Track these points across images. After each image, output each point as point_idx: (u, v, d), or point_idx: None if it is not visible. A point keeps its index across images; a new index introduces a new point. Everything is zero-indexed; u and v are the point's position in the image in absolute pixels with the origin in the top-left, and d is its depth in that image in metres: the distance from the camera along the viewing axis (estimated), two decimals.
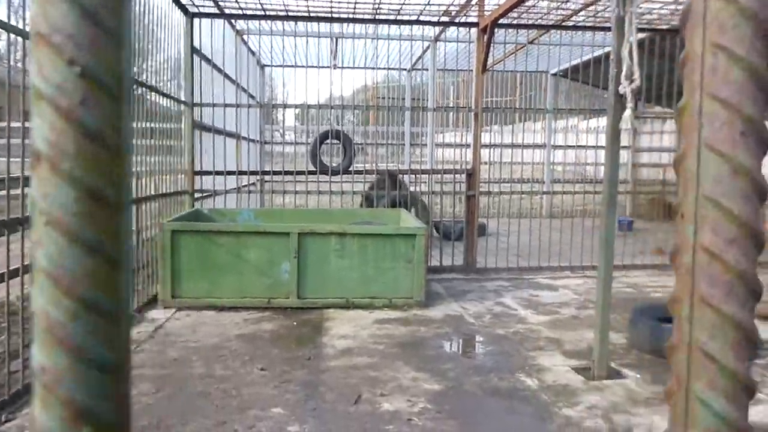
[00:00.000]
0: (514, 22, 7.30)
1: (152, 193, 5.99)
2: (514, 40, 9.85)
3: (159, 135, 6.35)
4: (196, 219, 6.37)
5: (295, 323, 5.13)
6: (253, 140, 11.34)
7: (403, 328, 5.04)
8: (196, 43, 6.93)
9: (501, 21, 6.49)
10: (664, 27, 8.30)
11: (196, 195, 7.06)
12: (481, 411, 3.44)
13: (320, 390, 3.70)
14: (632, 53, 3.78)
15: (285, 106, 10.19)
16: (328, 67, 12.35)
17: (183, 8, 6.50)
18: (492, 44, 6.74)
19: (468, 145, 9.45)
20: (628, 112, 3.79)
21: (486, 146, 12.88)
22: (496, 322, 5.25)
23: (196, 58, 7.04)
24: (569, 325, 5.18)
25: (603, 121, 10.98)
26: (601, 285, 4.04)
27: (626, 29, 3.78)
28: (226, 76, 8.39)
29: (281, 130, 16.12)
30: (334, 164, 9.11)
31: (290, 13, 7.54)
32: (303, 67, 12.33)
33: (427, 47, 10.17)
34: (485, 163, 12.14)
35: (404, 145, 12.11)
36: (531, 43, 9.67)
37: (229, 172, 7.35)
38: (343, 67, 11.86)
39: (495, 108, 11.40)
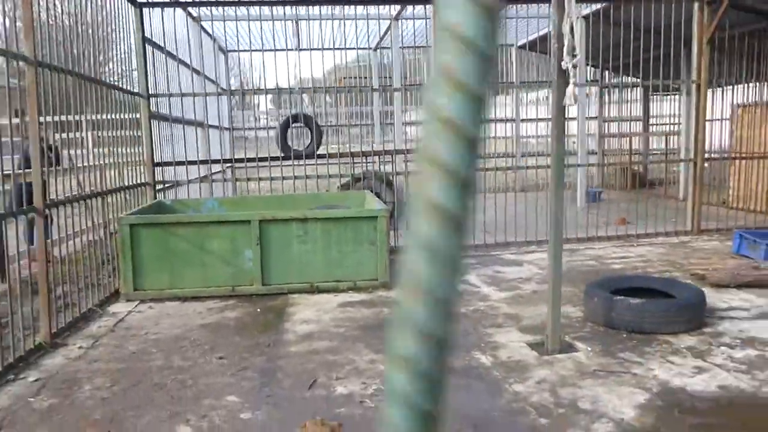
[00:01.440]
0: None
1: (115, 186, 5.97)
2: None
3: (116, 127, 6.29)
4: (158, 211, 6.35)
5: (258, 310, 5.17)
6: (221, 127, 11.24)
7: (367, 310, 5.10)
8: (155, 35, 6.83)
9: None
10: None
11: (160, 186, 7.02)
12: None
13: (277, 376, 3.75)
14: (573, 28, 3.81)
15: (254, 91, 10.09)
16: (293, 49, 12.25)
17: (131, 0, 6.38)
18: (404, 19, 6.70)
19: None
20: (571, 87, 3.83)
21: None
22: None
23: (154, 49, 6.94)
24: (529, 300, 5.28)
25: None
26: (551, 261, 4.11)
27: (566, 4, 3.80)
28: (183, 63, 8.28)
29: (255, 115, 15.99)
30: (302, 148, 9.12)
31: None
32: (268, 50, 12.21)
33: (389, 26, 10.09)
34: None
35: (373, 125, 12.07)
36: None
37: (191, 162, 7.30)
38: (309, 49, 11.74)
39: None
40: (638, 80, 11.87)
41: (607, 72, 13.34)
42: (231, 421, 3.17)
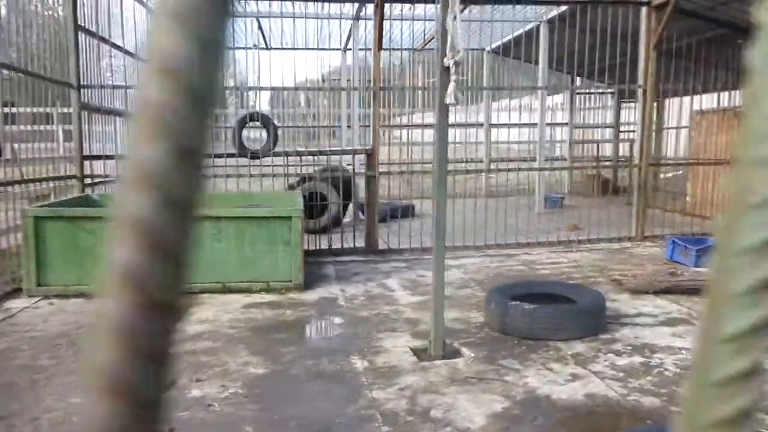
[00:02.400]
0: None
1: (35, 177, 5.88)
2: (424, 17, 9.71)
3: (42, 120, 6.21)
4: (85, 205, 6.24)
5: None
6: None
7: (269, 311, 4.97)
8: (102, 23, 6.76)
9: None
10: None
11: (92, 180, 6.93)
12: (291, 395, 3.38)
13: None
14: (456, 25, 3.69)
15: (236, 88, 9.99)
16: (264, 48, 12.18)
17: None
18: (390, 20, 6.62)
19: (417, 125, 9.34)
20: (452, 86, 3.70)
21: (420, 126, 12.79)
22: (366, 304, 5.19)
23: (93, 40, 6.87)
24: None
25: (535, 99, 10.92)
26: (434, 267, 3.98)
27: (450, 1, 3.67)
28: (128, 53, 8.18)
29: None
30: (257, 147, 9.01)
31: None
32: (239, 48, 12.14)
33: (350, 26, 10.00)
34: (418, 144, 12.06)
35: (340, 126, 11.97)
36: (454, 19, 9.50)
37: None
38: (277, 48, 11.68)
39: (425, 88, 11.25)
40: (604, 85, 11.76)
41: (579, 78, 13.21)
42: (60, 425, 3.05)
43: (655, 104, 11.69)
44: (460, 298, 5.31)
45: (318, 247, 7.29)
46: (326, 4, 8.40)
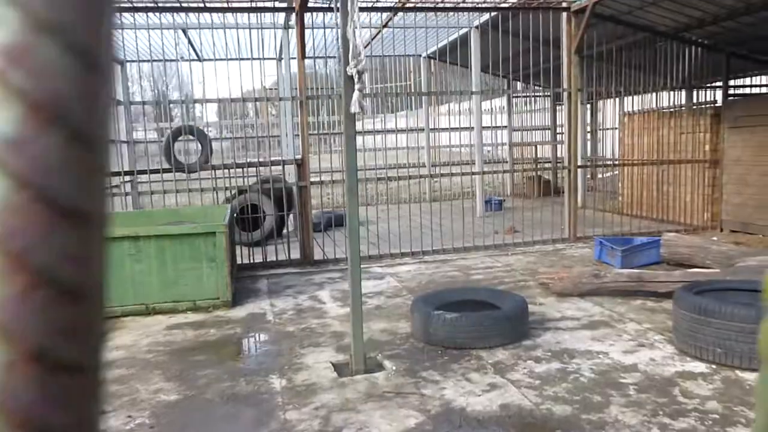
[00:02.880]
0: (329, 4, 7.14)
1: None
2: (367, 24, 9.69)
3: None
4: None
5: None
6: (117, 140, 10.81)
7: (192, 332, 4.81)
8: None
9: (310, 4, 6.29)
10: (507, 6, 8.25)
11: None
12: (200, 422, 3.25)
13: None
14: (355, 33, 3.64)
15: (143, 102, 9.72)
16: (196, 60, 11.92)
17: None
18: (312, 28, 6.54)
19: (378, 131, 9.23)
20: (356, 95, 3.64)
21: (367, 133, 12.76)
22: (294, 318, 5.09)
23: None
24: (367, 316, 5.03)
25: (472, 103, 11.01)
26: (350, 277, 3.91)
27: (350, 8, 3.63)
28: None
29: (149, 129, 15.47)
30: (191, 161, 8.79)
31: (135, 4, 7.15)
32: (169, 60, 11.85)
33: (282, 35, 9.88)
34: (361, 150, 12.01)
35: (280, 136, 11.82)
36: (385, 26, 9.51)
37: None
38: (211, 60, 11.46)
39: (372, 94, 11.21)
40: (540, 89, 11.97)
41: (518, 82, 13.42)
42: None
43: (588, 106, 12.01)
44: (390, 308, 5.26)
45: (252, 261, 7.14)
46: (255, 15, 8.30)
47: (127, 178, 10.40)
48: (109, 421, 3.29)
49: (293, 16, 8.11)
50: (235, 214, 8.15)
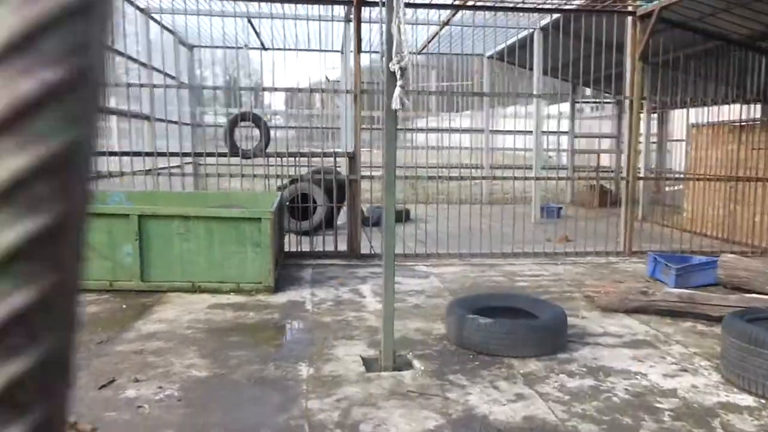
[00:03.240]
0: None
1: None
2: (426, 21, 9.63)
3: None
4: None
5: (124, 306, 5.04)
6: (179, 122, 11.19)
7: (231, 313, 4.93)
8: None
9: None
10: (571, 8, 7.99)
11: None
12: (224, 401, 3.33)
13: (80, 373, 3.60)
14: (400, 29, 3.61)
15: (213, 87, 10.02)
16: (258, 48, 12.18)
17: None
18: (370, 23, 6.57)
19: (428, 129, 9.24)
20: (398, 91, 3.62)
21: (424, 131, 12.68)
22: (332, 309, 5.13)
23: None
24: (405, 314, 5.04)
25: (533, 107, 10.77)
26: (385, 275, 3.89)
27: (395, 4, 3.60)
28: (119, 53, 8.22)
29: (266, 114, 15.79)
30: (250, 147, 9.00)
31: None
32: (230, 47, 12.16)
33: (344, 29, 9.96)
34: (422, 147, 11.98)
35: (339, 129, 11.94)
36: (446, 24, 9.42)
37: (111, 153, 7.23)
38: (275, 49, 11.68)
39: (424, 92, 11.15)
40: (610, 95, 11.56)
41: (586, 88, 13.03)
42: None
43: (656, 116, 11.52)
44: (428, 308, 5.22)
45: (299, 249, 7.24)
46: (318, 6, 8.39)
47: (189, 159, 10.75)
48: (140, 389, 3.41)
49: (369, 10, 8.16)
50: (287, 203, 8.30)
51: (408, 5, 7.46)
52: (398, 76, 3.55)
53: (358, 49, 6.66)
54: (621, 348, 4.26)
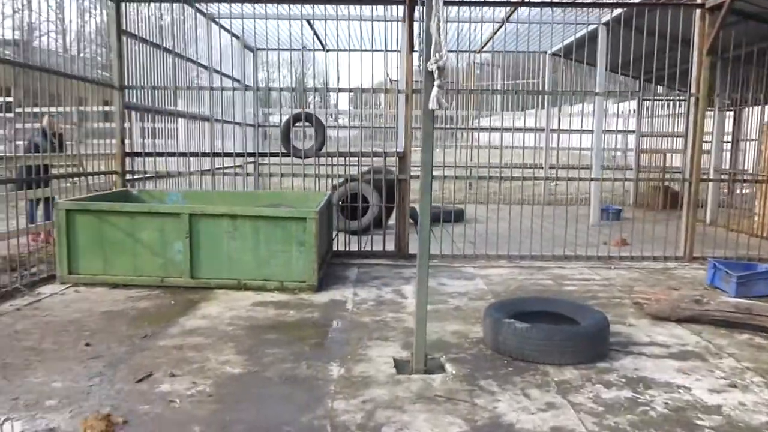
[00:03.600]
0: None
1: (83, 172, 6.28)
2: (491, 19, 9.47)
3: (88, 119, 6.61)
4: (124, 199, 6.59)
5: (172, 302, 5.23)
6: (243, 123, 11.52)
7: (273, 311, 5.03)
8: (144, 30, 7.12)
9: None
10: (637, 1, 7.66)
11: (135, 176, 7.30)
12: (253, 398, 3.39)
13: (119, 367, 3.76)
14: (439, 28, 3.56)
15: (268, 89, 10.24)
16: (319, 50, 12.35)
17: None
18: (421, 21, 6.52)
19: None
20: (435, 91, 3.57)
21: (485, 129, 12.51)
22: (372, 309, 5.14)
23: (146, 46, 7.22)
24: (444, 316, 4.99)
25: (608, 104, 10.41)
26: (418, 277, 3.85)
27: (434, 3, 3.55)
28: (188, 59, 8.55)
29: (332, 114, 16.05)
30: (306, 147, 9.15)
31: None
32: (295, 49, 12.37)
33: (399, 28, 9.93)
34: (483, 147, 11.81)
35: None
36: (508, 21, 9.24)
37: (170, 153, 7.52)
38: (336, 50, 11.79)
39: (476, 90, 10.92)
40: (676, 93, 11.02)
41: (659, 85, 12.46)
42: (33, 405, 3.21)
43: (730, 114, 10.87)
44: (468, 311, 5.14)
45: (347, 249, 7.30)
46: (377, 7, 8.43)
47: (251, 159, 11.05)
48: (174, 384, 3.53)
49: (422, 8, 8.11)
50: (340, 202, 8.38)
51: (469, 3, 7.39)
52: (436, 76, 3.51)
53: (410, 49, 6.64)
54: (666, 359, 4.05)
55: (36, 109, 7.32)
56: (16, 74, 5.43)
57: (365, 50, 11.82)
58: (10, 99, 7.86)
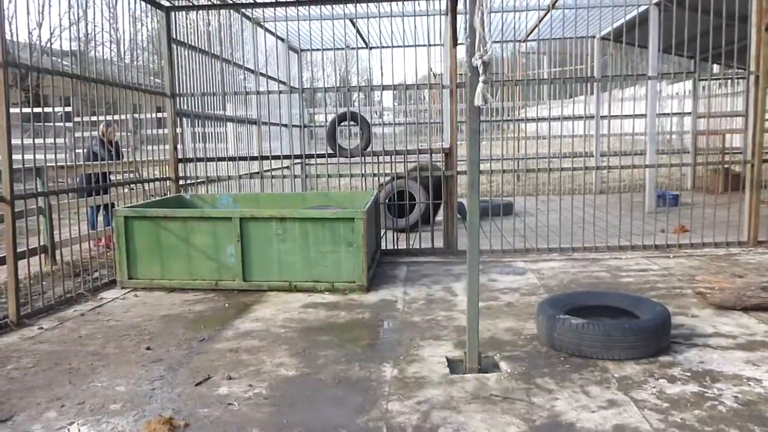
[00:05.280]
0: None
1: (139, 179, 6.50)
2: (537, 6, 9.26)
3: (143, 126, 6.81)
4: (177, 205, 6.77)
5: (227, 305, 5.34)
6: (289, 125, 11.66)
7: (324, 312, 5.06)
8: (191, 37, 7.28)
9: None
10: None
11: (187, 181, 7.48)
12: (309, 400, 3.42)
13: (179, 370, 3.86)
14: (483, 23, 3.49)
15: (313, 89, 10.36)
16: (363, 48, 12.35)
17: (157, 4, 6.82)
18: (465, 14, 6.42)
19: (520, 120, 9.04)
20: (480, 86, 3.51)
21: (532, 120, 12.27)
22: (422, 308, 5.11)
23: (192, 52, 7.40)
24: (496, 312, 4.91)
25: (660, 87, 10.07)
26: (469, 273, 3.80)
27: None
28: (236, 64, 8.70)
29: (377, 112, 16.11)
30: (352, 146, 9.19)
31: None
32: (338, 49, 12.44)
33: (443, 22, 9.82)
34: (531, 137, 11.60)
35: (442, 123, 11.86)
36: (554, 7, 9.01)
37: (220, 158, 7.67)
38: (378, 47, 11.78)
39: (521, 80, 10.68)
40: (733, 71, 10.53)
41: (714, 64, 11.95)
42: (98, 410, 3.33)
43: None
44: (521, 306, 5.05)
45: (396, 247, 7.29)
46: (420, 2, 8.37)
47: (297, 160, 11.17)
48: (232, 387, 3.59)
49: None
50: (387, 200, 8.38)
51: None
52: (481, 71, 3.45)
53: (454, 43, 6.56)
54: (733, 350, 3.87)
55: (93, 118, 7.59)
56: (74, 84, 5.62)
57: (408, 46, 11.81)
58: (69, 109, 8.17)
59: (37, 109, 5.98)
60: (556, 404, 3.25)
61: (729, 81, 11.47)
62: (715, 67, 12.57)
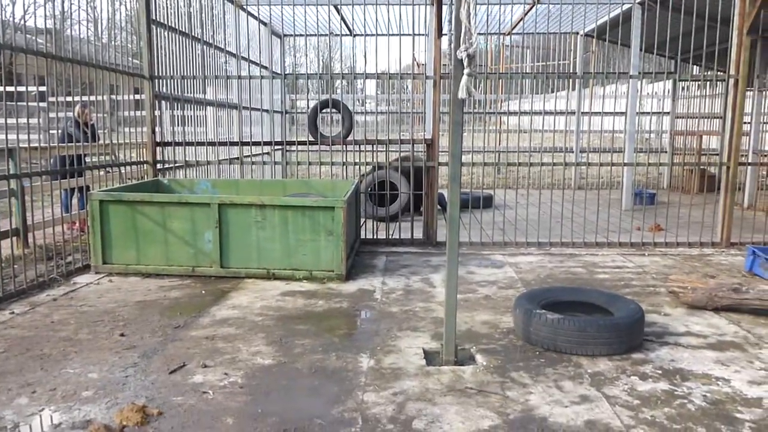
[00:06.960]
0: None
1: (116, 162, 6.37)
2: (522, 0, 9.27)
3: (120, 108, 6.67)
4: (155, 189, 6.67)
5: (203, 291, 5.29)
6: (270, 111, 11.55)
7: (302, 301, 5.04)
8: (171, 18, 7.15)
9: None
10: None
11: (165, 165, 7.37)
12: (285, 390, 3.41)
13: (153, 357, 3.82)
14: (470, 15, 3.47)
15: (296, 75, 10.26)
16: (346, 35, 12.26)
17: None
18: (450, 5, 6.40)
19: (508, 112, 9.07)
20: (464, 79, 3.50)
21: (514, 113, 12.33)
22: (401, 299, 5.12)
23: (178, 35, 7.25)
24: (473, 305, 4.95)
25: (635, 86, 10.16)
26: (448, 266, 3.81)
27: None
28: (217, 47, 8.57)
29: (360, 99, 16.00)
30: (333, 134, 9.13)
31: None
32: (320, 35, 12.31)
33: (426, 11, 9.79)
34: (512, 131, 11.67)
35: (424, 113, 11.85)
36: (539, 2, 9.03)
37: (200, 143, 7.57)
38: (363, 35, 11.73)
39: (505, 74, 10.71)
40: (714, 73, 10.69)
41: (695, 66, 12.09)
42: (70, 396, 3.28)
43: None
44: (498, 300, 5.09)
45: (375, 237, 7.28)
46: None
47: (278, 147, 11.07)
48: (207, 375, 3.57)
49: None
50: (369, 189, 8.37)
51: None
52: (465, 64, 3.44)
53: (438, 33, 6.54)
54: (704, 350, 3.95)
55: (69, 99, 7.42)
56: (49, 64, 5.48)
57: (392, 35, 11.71)
58: (43, 88, 7.95)
59: (9, 88, 5.80)
60: (530, 398, 3.29)
61: (708, 83, 11.62)
62: (695, 69, 12.73)
